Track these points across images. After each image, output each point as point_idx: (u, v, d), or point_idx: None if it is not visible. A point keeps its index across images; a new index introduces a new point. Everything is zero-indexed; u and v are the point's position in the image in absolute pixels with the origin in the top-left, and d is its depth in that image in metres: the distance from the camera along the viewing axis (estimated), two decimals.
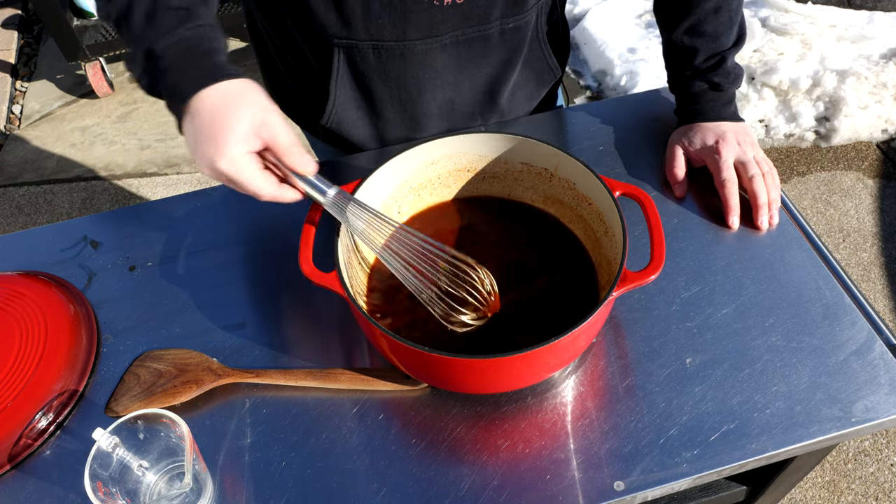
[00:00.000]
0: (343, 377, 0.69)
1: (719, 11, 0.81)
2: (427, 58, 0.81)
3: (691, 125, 0.85)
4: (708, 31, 0.82)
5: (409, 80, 0.84)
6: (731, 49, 0.83)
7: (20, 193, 2.20)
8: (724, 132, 0.82)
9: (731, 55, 0.83)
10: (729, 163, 0.81)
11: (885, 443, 1.52)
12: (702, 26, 0.82)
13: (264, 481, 0.64)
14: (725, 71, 0.83)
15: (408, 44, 0.79)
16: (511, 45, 0.84)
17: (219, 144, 0.58)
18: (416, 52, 0.80)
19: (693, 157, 0.84)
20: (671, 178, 0.85)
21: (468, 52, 0.83)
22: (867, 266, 1.81)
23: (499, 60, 0.86)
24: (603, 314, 0.63)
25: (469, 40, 0.81)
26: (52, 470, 0.66)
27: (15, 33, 2.73)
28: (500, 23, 0.81)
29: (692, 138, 0.84)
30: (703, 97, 0.84)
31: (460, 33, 0.80)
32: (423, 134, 0.92)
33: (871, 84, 2.05)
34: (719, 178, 0.81)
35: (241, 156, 0.59)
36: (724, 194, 0.80)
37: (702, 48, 0.83)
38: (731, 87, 0.84)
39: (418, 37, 0.79)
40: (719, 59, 0.83)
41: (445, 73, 0.84)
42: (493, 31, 0.81)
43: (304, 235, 0.66)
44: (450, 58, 0.82)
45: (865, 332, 0.70)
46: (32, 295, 0.75)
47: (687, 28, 0.83)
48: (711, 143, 0.82)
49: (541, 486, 0.62)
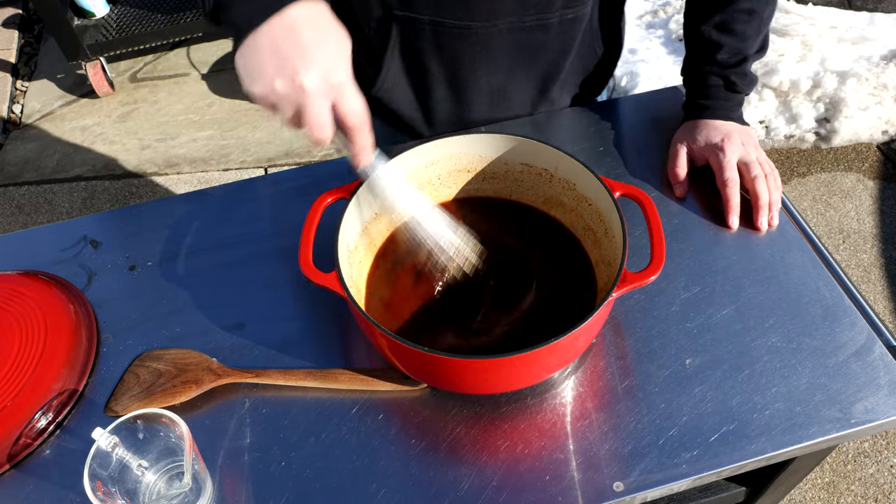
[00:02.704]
0: (343, 377, 0.69)
1: (752, 14, 0.81)
2: (484, 41, 0.82)
3: (697, 122, 0.85)
4: (737, 30, 0.82)
5: (465, 61, 0.84)
6: (754, 54, 0.84)
7: (20, 193, 2.20)
8: (730, 132, 0.83)
9: (752, 59, 0.84)
10: (732, 162, 0.81)
11: (885, 444, 1.52)
12: (732, 24, 0.82)
13: (264, 481, 0.64)
14: (744, 72, 0.84)
15: (467, 25, 0.80)
16: (567, 35, 0.85)
17: (314, 58, 0.54)
18: (474, 35, 0.81)
19: (696, 154, 0.84)
20: (672, 176, 0.85)
21: (526, 39, 0.83)
22: (867, 267, 1.81)
23: (554, 50, 0.86)
24: (603, 315, 0.63)
25: (528, 28, 0.81)
26: (52, 469, 0.66)
27: (15, 33, 2.73)
28: (560, 13, 0.81)
29: (697, 135, 0.84)
30: (716, 94, 0.85)
31: (520, 20, 0.80)
32: (470, 118, 0.93)
33: (872, 85, 2.05)
34: (722, 177, 0.81)
35: (338, 81, 0.55)
36: (726, 193, 0.80)
37: (727, 45, 0.83)
38: (745, 89, 0.85)
39: (479, 19, 0.79)
40: (741, 59, 0.83)
41: (501, 59, 0.85)
42: (553, 21, 0.82)
43: (304, 235, 0.66)
44: (507, 44, 0.83)
45: (865, 334, 0.70)
46: (32, 294, 0.75)
47: (717, 23, 0.83)
48: (716, 140, 0.82)
49: (540, 487, 0.62)
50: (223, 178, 2.18)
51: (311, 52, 0.54)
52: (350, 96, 0.57)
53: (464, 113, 0.92)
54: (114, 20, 2.39)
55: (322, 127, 0.56)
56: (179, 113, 2.40)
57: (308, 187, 0.88)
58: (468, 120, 0.94)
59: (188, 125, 2.36)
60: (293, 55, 0.54)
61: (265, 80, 0.55)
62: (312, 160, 2.20)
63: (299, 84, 0.54)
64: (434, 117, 0.93)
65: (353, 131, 0.59)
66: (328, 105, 0.56)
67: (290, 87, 0.54)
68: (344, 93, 0.56)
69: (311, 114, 0.55)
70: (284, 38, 0.54)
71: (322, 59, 0.55)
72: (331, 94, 0.56)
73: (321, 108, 0.56)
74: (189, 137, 2.32)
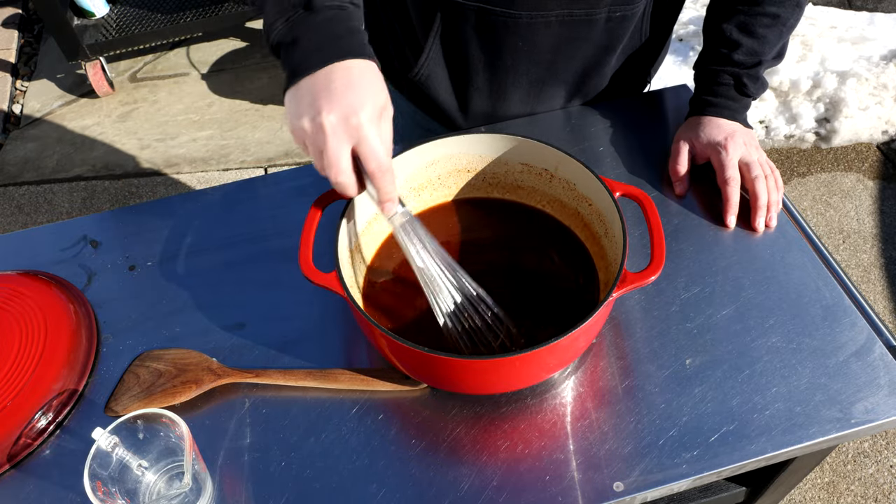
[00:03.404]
0: (342, 377, 0.69)
1: (776, 20, 0.81)
2: (529, 32, 0.81)
3: (701, 118, 0.85)
4: (758, 33, 0.82)
5: (506, 50, 0.84)
6: (770, 60, 0.84)
7: (20, 193, 2.20)
8: (734, 131, 0.83)
9: (767, 65, 0.84)
10: (734, 161, 0.81)
11: (885, 444, 1.52)
12: (754, 27, 0.82)
13: (263, 481, 0.64)
14: (756, 76, 0.84)
15: (515, 14, 0.79)
16: (614, 33, 0.84)
17: (339, 100, 0.55)
18: (519, 25, 0.80)
19: (699, 151, 0.84)
20: (673, 174, 0.85)
21: (570, 33, 0.83)
22: (867, 267, 1.81)
23: (599, 46, 0.86)
24: (603, 315, 0.62)
25: (574, 22, 0.81)
26: (52, 469, 0.66)
27: (15, 32, 2.73)
28: (608, 10, 0.81)
29: (700, 132, 0.84)
30: (725, 93, 0.84)
31: (567, 13, 0.80)
32: (506, 109, 0.93)
33: (872, 85, 2.05)
34: (723, 176, 0.81)
35: (357, 122, 0.56)
36: (727, 192, 0.80)
37: (745, 45, 0.82)
38: (754, 92, 0.85)
39: (525, 9, 0.79)
40: (757, 62, 0.83)
41: (543, 51, 0.85)
42: (600, 17, 0.81)
43: (303, 235, 0.66)
44: (551, 36, 0.82)
45: (865, 334, 0.70)
46: (32, 294, 0.75)
47: (739, 23, 0.83)
48: (719, 139, 0.82)
49: (540, 487, 0.62)
50: (223, 178, 2.18)
51: (337, 95, 0.55)
52: (372, 140, 0.56)
53: (498, 104, 0.92)
54: (113, 20, 2.39)
55: (339, 170, 0.57)
56: (179, 113, 2.40)
57: (308, 187, 0.88)
58: (502, 112, 0.94)
59: (188, 125, 2.36)
60: (321, 96, 0.55)
61: (296, 119, 0.57)
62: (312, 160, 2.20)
63: (319, 123, 0.55)
64: (469, 106, 0.93)
65: (374, 177, 0.58)
66: (348, 148, 0.56)
67: (313, 125, 0.56)
68: (364, 135, 0.56)
69: (328, 154, 0.56)
70: (322, 84, 0.56)
71: (347, 101, 0.55)
72: (351, 136, 0.56)
73: (339, 150, 0.56)
74: (189, 137, 2.32)
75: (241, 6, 2.37)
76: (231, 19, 2.39)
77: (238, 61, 2.56)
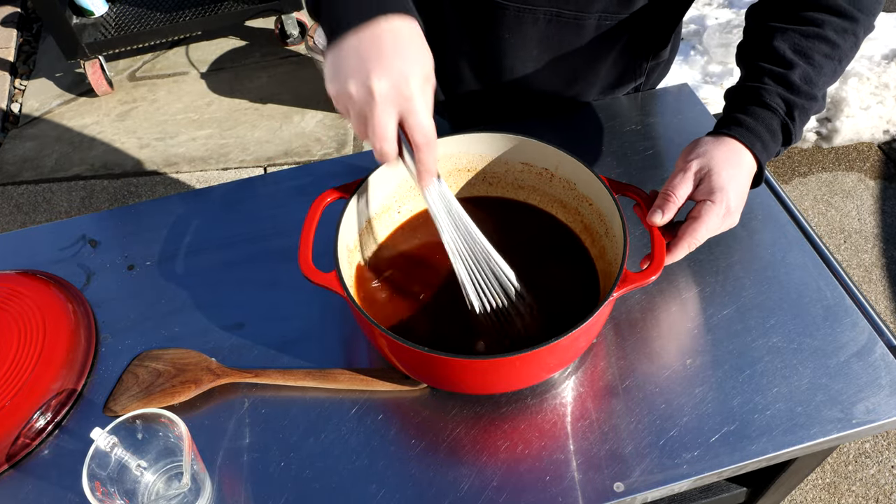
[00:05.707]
0: (342, 377, 0.69)
1: (835, 50, 0.69)
2: (516, 24, 0.81)
3: (716, 149, 0.68)
4: (815, 60, 0.68)
5: (493, 41, 0.83)
6: (820, 100, 0.71)
7: (19, 192, 2.20)
8: (727, 188, 0.65)
9: (816, 106, 0.70)
10: (704, 234, 0.66)
11: (886, 444, 1.52)
12: (811, 52, 0.69)
13: (263, 481, 0.64)
14: (807, 112, 0.69)
15: (500, 4, 0.79)
16: (604, 41, 0.83)
17: (390, 65, 0.53)
18: (506, 16, 0.80)
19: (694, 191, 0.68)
20: (668, 195, 0.68)
21: (558, 33, 0.82)
22: (868, 267, 1.81)
23: (587, 52, 0.84)
24: (603, 315, 0.62)
25: (562, 22, 0.80)
26: (51, 469, 0.66)
27: (14, 31, 2.73)
28: (598, 16, 0.79)
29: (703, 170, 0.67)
30: (767, 120, 0.68)
31: (556, 12, 0.79)
32: (492, 104, 0.91)
33: (873, 85, 2.05)
34: (686, 228, 0.67)
35: (409, 93, 0.54)
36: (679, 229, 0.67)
37: (801, 68, 0.68)
38: (795, 133, 0.69)
39: (513, 0, 0.78)
40: (811, 94, 0.69)
41: (530, 47, 0.84)
42: (590, 23, 0.80)
43: (303, 235, 0.66)
44: (538, 32, 0.82)
45: (866, 334, 0.70)
46: (31, 294, 0.75)
47: (794, 45, 0.69)
48: (713, 186, 0.66)
49: (540, 487, 0.62)
50: (222, 178, 2.18)
51: (388, 59, 0.54)
52: (421, 111, 0.55)
53: (486, 99, 0.90)
54: (112, 19, 2.39)
55: (385, 138, 0.55)
56: (178, 112, 2.40)
57: (308, 187, 0.88)
58: (488, 106, 0.92)
59: (187, 124, 2.35)
60: (371, 59, 0.54)
61: (340, 80, 0.54)
62: (312, 159, 2.20)
63: (369, 88, 0.53)
64: (456, 98, 0.91)
65: (419, 149, 0.56)
66: (395, 116, 0.55)
67: (361, 90, 0.54)
68: (414, 106, 0.55)
69: (375, 121, 0.54)
70: (369, 44, 0.54)
71: (398, 67, 0.54)
72: (400, 105, 0.54)
73: (387, 118, 0.54)
74: (188, 136, 2.31)
75: (241, 5, 2.36)
76: (230, 18, 2.38)
77: (237, 60, 2.56)
